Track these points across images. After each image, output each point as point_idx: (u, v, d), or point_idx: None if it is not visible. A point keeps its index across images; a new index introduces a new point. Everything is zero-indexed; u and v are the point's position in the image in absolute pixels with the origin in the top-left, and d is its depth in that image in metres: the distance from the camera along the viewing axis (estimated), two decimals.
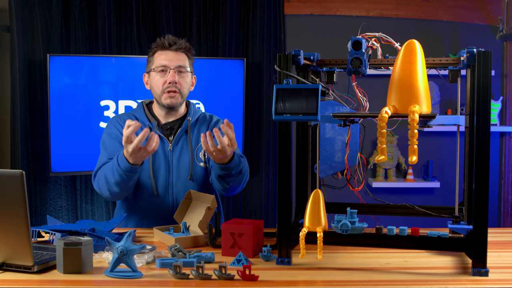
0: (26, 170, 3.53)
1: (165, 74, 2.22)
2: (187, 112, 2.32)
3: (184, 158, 2.24)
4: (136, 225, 2.23)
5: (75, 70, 3.47)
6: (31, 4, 3.56)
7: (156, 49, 2.26)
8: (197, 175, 2.25)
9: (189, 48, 2.28)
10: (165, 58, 2.22)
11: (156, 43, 2.26)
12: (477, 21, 3.89)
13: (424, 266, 1.62)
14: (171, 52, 2.23)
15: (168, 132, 2.27)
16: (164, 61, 2.22)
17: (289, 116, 1.50)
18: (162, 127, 2.27)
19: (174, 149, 2.25)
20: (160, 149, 2.23)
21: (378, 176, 3.85)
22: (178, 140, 2.26)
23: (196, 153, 2.27)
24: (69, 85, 3.46)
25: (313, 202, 1.61)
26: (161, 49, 2.24)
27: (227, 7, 3.73)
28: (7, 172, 1.47)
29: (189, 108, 2.33)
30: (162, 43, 2.24)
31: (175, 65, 2.22)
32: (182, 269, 1.51)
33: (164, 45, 2.23)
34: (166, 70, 2.21)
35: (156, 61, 2.24)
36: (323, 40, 3.78)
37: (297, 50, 1.66)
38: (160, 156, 2.23)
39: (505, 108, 3.87)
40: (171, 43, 2.23)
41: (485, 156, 1.51)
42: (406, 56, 1.54)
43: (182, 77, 2.24)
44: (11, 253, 1.52)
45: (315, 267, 1.60)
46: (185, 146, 2.26)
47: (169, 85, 2.20)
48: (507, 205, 3.89)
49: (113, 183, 2.06)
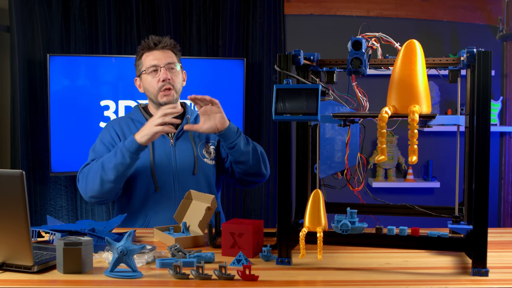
0: (26, 170, 3.53)
1: (157, 74, 2.23)
2: (185, 111, 2.34)
3: (187, 153, 2.25)
4: (142, 225, 2.22)
5: (75, 70, 3.47)
6: (31, 4, 3.56)
7: (142, 51, 2.28)
8: (203, 170, 2.27)
9: (175, 45, 2.30)
10: (154, 58, 2.24)
11: (142, 46, 2.28)
12: (477, 21, 3.89)
13: (424, 266, 1.61)
14: (158, 52, 2.25)
15: None
16: (154, 61, 2.24)
17: (289, 116, 1.50)
18: None
19: (176, 144, 2.26)
20: (160, 146, 2.24)
21: (378, 176, 3.85)
22: (179, 136, 2.27)
23: (200, 149, 2.28)
24: (69, 85, 3.46)
25: (313, 202, 1.61)
26: (148, 50, 2.26)
27: (227, 7, 3.73)
28: (7, 172, 1.47)
29: (186, 108, 2.36)
30: (147, 44, 2.26)
31: (165, 62, 2.24)
32: (182, 269, 1.51)
33: (149, 45, 2.25)
34: (157, 70, 2.23)
35: (145, 62, 2.26)
36: (323, 40, 3.78)
37: (297, 50, 1.66)
38: (162, 153, 2.23)
39: (505, 108, 3.87)
40: (156, 43, 2.25)
41: (485, 156, 1.50)
42: (406, 56, 1.54)
43: (174, 74, 2.26)
44: (11, 253, 1.52)
45: (315, 267, 1.60)
46: (187, 141, 2.27)
47: (163, 83, 2.22)
48: (507, 205, 3.89)
49: (111, 167, 2.05)
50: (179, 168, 2.24)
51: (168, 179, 2.23)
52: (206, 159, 2.29)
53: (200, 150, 2.28)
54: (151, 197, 2.23)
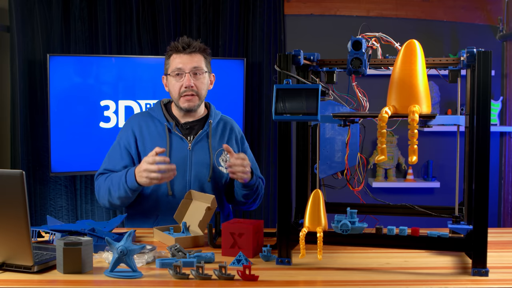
0: (26, 170, 3.53)
1: (181, 78, 2.21)
2: (208, 114, 2.32)
3: (204, 159, 2.24)
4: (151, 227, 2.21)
5: (75, 70, 3.47)
6: (31, 4, 3.56)
7: (171, 52, 2.25)
8: (217, 177, 2.26)
9: (204, 49, 2.27)
10: (180, 62, 2.21)
11: (171, 46, 2.25)
12: (477, 21, 3.89)
13: (424, 266, 1.62)
14: (186, 55, 2.21)
15: (187, 132, 2.26)
16: (179, 64, 2.21)
17: (289, 116, 1.50)
18: (181, 126, 2.27)
19: (193, 149, 2.23)
20: (178, 148, 2.22)
21: (378, 176, 3.85)
22: (198, 141, 2.25)
23: (216, 157, 2.26)
24: (69, 85, 3.46)
25: (313, 202, 1.61)
26: (176, 52, 2.23)
27: (227, 7, 3.73)
28: (7, 172, 1.47)
29: (210, 110, 2.33)
30: (176, 46, 2.23)
31: (190, 67, 2.21)
32: (182, 269, 1.51)
33: (178, 48, 2.22)
34: (181, 74, 2.21)
35: (171, 64, 2.23)
36: (323, 40, 3.78)
37: (297, 50, 1.66)
38: (178, 155, 2.22)
39: (505, 108, 3.87)
40: (184, 46, 2.21)
41: (485, 156, 1.51)
42: (406, 56, 1.54)
43: (198, 79, 2.22)
44: (11, 253, 1.52)
45: (315, 267, 1.60)
46: (205, 147, 2.25)
47: (186, 89, 2.20)
48: (507, 205, 3.89)
49: (116, 196, 2.13)
50: (193, 174, 2.22)
51: (182, 184, 2.21)
52: (221, 167, 2.26)
53: (217, 158, 2.26)
54: (163, 200, 2.22)
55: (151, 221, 2.22)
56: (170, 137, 2.23)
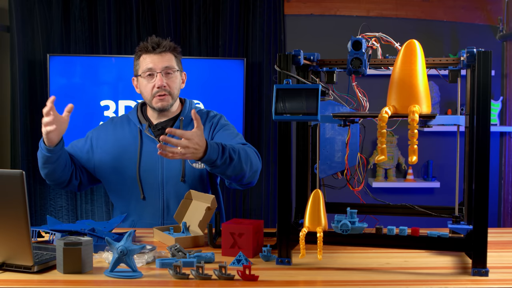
0: (26, 170, 3.53)
1: (153, 78, 2.17)
2: (181, 111, 2.27)
3: (174, 160, 2.16)
4: None
5: (75, 70, 3.47)
6: (31, 4, 3.56)
7: (140, 52, 2.21)
8: (190, 177, 2.20)
9: (175, 47, 2.22)
10: (151, 61, 2.17)
11: (140, 47, 2.21)
12: (477, 21, 3.89)
13: (424, 266, 1.61)
14: (156, 55, 2.17)
15: (159, 133, 2.21)
16: (150, 64, 2.17)
17: (289, 116, 1.50)
18: (153, 127, 2.24)
19: None
20: (149, 150, 2.19)
21: (378, 176, 3.85)
22: None
23: None
24: (69, 85, 3.46)
25: (313, 202, 1.61)
26: (145, 52, 2.19)
27: (227, 7, 3.73)
28: (7, 172, 1.47)
29: (183, 107, 2.28)
30: (145, 46, 2.18)
31: (161, 67, 2.17)
32: (182, 269, 1.51)
33: (147, 48, 2.18)
34: (153, 74, 2.17)
35: (142, 65, 2.19)
36: (323, 40, 3.78)
37: (297, 50, 1.66)
38: (150, 157, 2.19)
39: (505, 108, 3.87)
40: (154, 46, 2.17)
41: (485, 156, 1.50)
42: (406, 56, 1.54)
43: (170, 78, 2.19)
44: (11, 253, 1.52)
45: (315, 267, 1.60)
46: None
47: (158, 89, 2.16)
48: (507, 205, 3.89)
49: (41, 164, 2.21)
50: (165, 176, 2.18)
51: (155, 187, 2.19)
52: (196, 164, 2.19)
53: None
54: (136, 204, 2.20)
55: (126, 226, 2.21)
56: (142, 139, 2.21)
